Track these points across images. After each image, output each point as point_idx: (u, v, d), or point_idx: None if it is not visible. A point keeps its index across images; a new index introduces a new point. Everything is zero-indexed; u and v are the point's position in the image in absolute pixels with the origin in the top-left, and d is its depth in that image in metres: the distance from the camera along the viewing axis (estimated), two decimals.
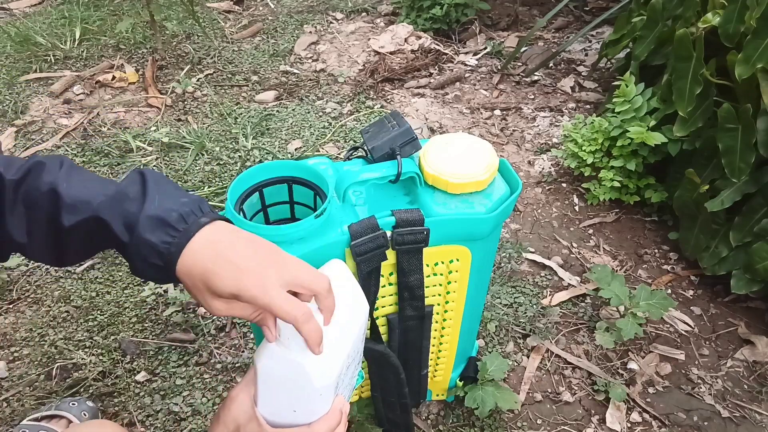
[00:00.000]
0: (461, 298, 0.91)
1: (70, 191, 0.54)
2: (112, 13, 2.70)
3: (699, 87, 1.36)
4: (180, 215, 0.53)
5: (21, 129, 1.98)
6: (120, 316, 1.37)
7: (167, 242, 0.53)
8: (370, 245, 0.75)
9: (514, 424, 1.17)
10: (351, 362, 0.64)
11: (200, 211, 0.55)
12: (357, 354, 0.67)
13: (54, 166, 0.57)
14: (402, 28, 2.46)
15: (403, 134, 0.82)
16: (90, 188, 0.55)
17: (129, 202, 0.54)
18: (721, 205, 1.33)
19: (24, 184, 0.56)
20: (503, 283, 1.46)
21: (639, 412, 1.20)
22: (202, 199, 0.57)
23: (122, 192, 0.55)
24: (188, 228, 0.53)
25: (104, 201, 0.54)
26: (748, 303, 1.41)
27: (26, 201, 0.56)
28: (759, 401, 1.22)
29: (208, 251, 0.53)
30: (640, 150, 1.54)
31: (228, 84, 2.25)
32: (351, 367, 0.65)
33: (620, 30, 1.86)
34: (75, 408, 1.09)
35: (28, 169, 0.56)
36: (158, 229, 0.53)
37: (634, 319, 1.26)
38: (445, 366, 1.07)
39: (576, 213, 1.69)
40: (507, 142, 1.98)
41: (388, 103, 2.14)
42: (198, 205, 0.55)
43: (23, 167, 0.56)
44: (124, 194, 0.55)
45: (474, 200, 0.80)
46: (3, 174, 0.56)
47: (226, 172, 1.80)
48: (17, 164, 0.57)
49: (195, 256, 0.53)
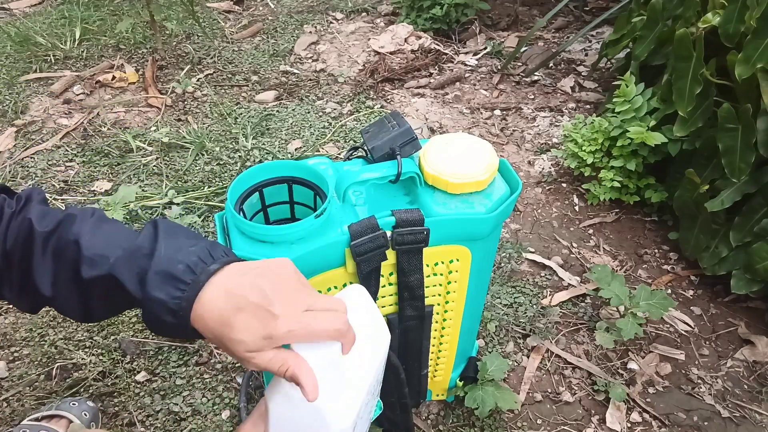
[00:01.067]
0: (461, 298, 0.91)
1: (91, 243, 0.53)
2: (112, 13, 2.70)
3: (699, 87, 1.36)
4: (187, 266, 0.50)
5: (21, 129, 1.98)
6: (120, 316, 1.37)
7: (177, 297, 0.49)
8: (370, 245, 0.75)
9: (514, 424, 1.17)
10: (371, 398, 0.60)
11: (210, 257, 0.52)
12: (377, 386, 0.62)
13: (84, 217, 0.56)
14: (402, 28, 2.46)
15: (403, 134, 0.82)
16: (110, 242, 0.54)
17: (141, 258, 0.52)
18: (721, 205, 1.33)
19: (54, 235, 0.55)
20: (503, 283, 1.46)
21: (639, 412, 1.20)
22: (214, 243, 0.54)
23: (137, 247, 0.53)
24: (197, 279, 0.50)
25: (120, 257, 0.52)
26: (748, 303, 1.41)
27: (54, 253, 0.55)
28: (759, 401, 1.22)
29: (221, 302, 0.49)
30: (640, 150, 1.54)
31: (228, 84, 2.25)
32: (371, 402, 0.61)
33: (620, 30, 1.86)
34: (75, 408, 1.09)
35: (60, 221, 0.55)
36: (167, 284, 0.50)
37: (634, 319, 1.26)
38: (445, 366, 1.07)
39: (576, 213, 1.69)
40: (507, 142, 1.98)
41: (388, 103, 2.14)
42: (208, 251, 0.52)
43: (55, 219, 0.56)
44: (138, 249, 0.53)
45: (474, 200, 0.80)
46: (35, 226, 0.55)
47: (226, 172, 1.80)
48: (51, 216, 0.56)
49: (207, 308, 0.49)
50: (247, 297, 0.49)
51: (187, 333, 0.51)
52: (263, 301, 0.49)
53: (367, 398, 0.57)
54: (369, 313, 0.60)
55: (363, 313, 0.59)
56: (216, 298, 0.49)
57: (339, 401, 0.52)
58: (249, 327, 0.48)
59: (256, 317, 0.48)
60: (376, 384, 0.60)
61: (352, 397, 0.53)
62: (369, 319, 0.59)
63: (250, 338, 0.48)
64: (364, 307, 0.60)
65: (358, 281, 0.80)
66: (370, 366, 0.57)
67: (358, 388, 0.54)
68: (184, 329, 0.51)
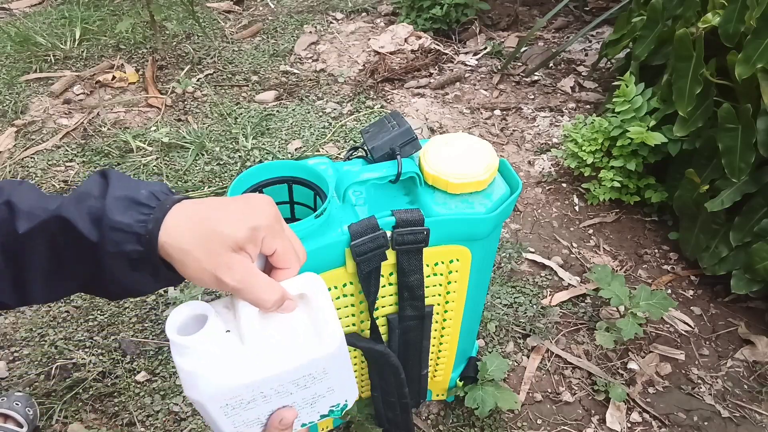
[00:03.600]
0: (461, 298, 0.91)
1: (25, 199, 0.47)
2: (112, 13, 2.70)
3: (699, 87, 1.36)
4: (150, 193, 0.47)
5: (21, 129, 1.98)
6: (120, 316, 1.37)
7: (142, 221, 0.45)
8: (370, 245, 0.75)
9: (514, 424, 1.17)
10: (282, 398, 0.52)
11: (170, 192, 0.49)
12: (297, 391, 0.53)
13: (13, 184, 0.50)
14: (402, 28, 2.46)
15: (403, 134, 0.82)
16: (49, 197, 0.48)
17: (93, 199, 0.46)
18: (721, 205, 1.33)
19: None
20: (503, 283, 1.46)
21: (639, 412, 1.20)
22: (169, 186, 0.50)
23: (84, 192, 0.47)
24: (162, 204, 0.46)
25: (65, 201, 0.47)
26: (748, 303, 1.41)
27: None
28: (759, 401, 1.22)
29: (191, 218, 0.46)
30: (640, 150, 1.54)
31: (228, 84, 2.25)
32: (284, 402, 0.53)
33: (620, 30, 1.86)
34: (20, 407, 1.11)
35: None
36: (130, 209, 0.45)
37: (634, 319, 1.26)
38: (445, 366, 1.07)
39: (576, 213, 1.69)
40: (507, 142, 1.98)
41: (388, 103, 2.14)
42: (167, 188, 0.49)
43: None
44: (86, 193, 0.47)
45: (474, 200, 0.80)
46: None
47: (226, 172, 1.80)
48: None
49: (175, 229, 0.45)
50: (217, 207, 0.46)
51: (153, 269, 0.46)
52: (235, 205, 0.47)
53: (267, 388, 0.50)
54: (313, 311, 0.52)
55: (304, 309, 0.52)
56: (184, 218, 0.46)
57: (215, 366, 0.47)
58: (231, 222, 0.45)
59: (238, 215, 0.46)
60: (294, 387, 0.52)
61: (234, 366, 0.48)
62: (306, 317, 0.52)
63: (236, 230, 0.45)
64: (314, 301, 0.52)
65: (358, 281, 0.80)
66: (288, 355, 0.50)
67: (250, 363, 0.49)
68: (151, 263, 0.46)
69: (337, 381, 0.55)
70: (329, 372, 0.53)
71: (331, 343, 0.51)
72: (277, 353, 0.49)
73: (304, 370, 0.51)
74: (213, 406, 0.49)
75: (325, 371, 0.52)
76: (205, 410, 0.49)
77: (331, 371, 0.53)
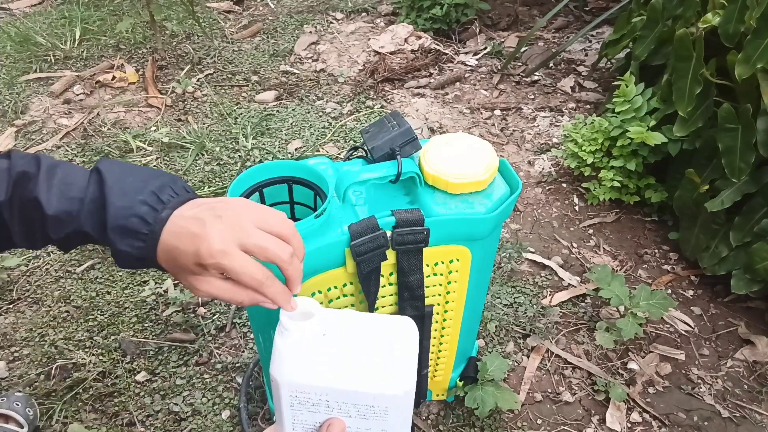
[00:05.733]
0: (461, 298, 0.91)
1: (49, 199, 0.55)
2: (112, 13, 2.70)
3: (699, 87, 1.36)
4: (141, 219, 0.54)
5: (21, 129, 1.98)
6: (120, 316, 1.37)
7: (139, 247, 0.55)
8: (370, 245, 0.75)
9: (514, 424, 1.17)
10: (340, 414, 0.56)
11: (160, 202, 0.55)
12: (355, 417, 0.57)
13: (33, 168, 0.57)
14: (402, 28, 2.46)
15: (403, 134, 0.82)
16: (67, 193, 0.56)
17: (97, 212, 0.55)
18: (721, 205, 1.33)
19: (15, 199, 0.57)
20: (503, 283, 1.46)
21: (639, 412, 1.20)
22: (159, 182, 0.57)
23: (90, 201, 0.56)
24: (153, 229, 0.54)
25: (80, 212, 0.55)
26: (748, 303, 1.41)
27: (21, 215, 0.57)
28: (759, 401, 1.22)
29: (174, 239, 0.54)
30: (640, 150, 1.54)
31: (228, 84, 2.25)
32: None
33: (620, 30, 1.86)
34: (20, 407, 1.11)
35: (15, 182, 0.57)
36: (127, 238, 0.54)
37: (634, 319, 1.26)
38: (445, 366, 1.07)
39: (576, 213, 1.69)
40: (507, 142, 1.98)
41: (388, 103, 2.14)
42: (156, 197, 0.55)
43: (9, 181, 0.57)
44: (92, 202, 0.56)
45: (474, 200, 0.80)
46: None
47: (226, 172, 1.80)
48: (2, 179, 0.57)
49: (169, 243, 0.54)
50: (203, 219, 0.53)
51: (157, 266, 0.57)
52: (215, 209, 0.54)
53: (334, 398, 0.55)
54: (401, 355, 0.58)
55: None
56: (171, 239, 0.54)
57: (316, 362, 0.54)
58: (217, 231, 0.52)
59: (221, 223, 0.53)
60: (354, 411, 0.56)
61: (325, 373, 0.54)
62: None
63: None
64: (405, 347, 0.60)
65: (358, 281, 0.80)
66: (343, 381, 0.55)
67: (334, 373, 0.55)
68: (154, 265, 0.57)
69: (393, 428, 0.58)
70: (389, 414, 0.56)
71: (400, 387, 0.55)
72: (354, 373, 0.55)
73: (369, 400, 0.55)
74: (285, 391, 0.55)
75: (385, 411, 0.56)
76: (278, 393, 0.55)
77: (390, 413, 0.56)
